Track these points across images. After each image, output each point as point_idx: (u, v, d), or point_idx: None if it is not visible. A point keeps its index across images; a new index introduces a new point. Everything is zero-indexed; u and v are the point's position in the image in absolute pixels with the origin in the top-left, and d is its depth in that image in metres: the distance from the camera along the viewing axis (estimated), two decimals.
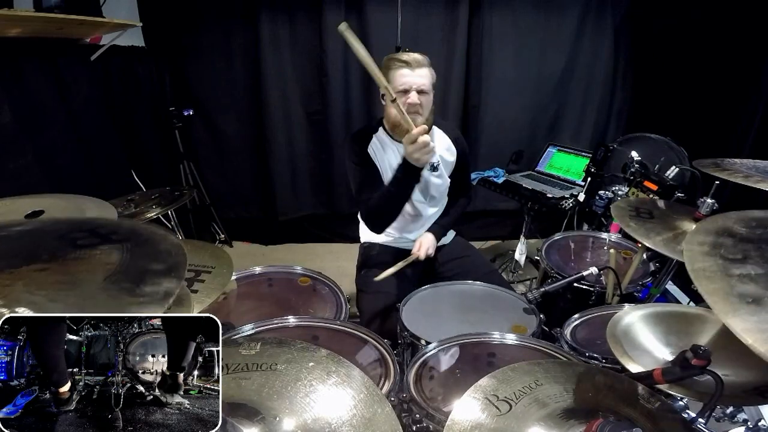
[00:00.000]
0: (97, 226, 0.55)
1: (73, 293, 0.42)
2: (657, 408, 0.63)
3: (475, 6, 2.39)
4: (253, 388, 0.61)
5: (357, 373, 0.64)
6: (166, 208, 1.58)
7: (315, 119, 2.60)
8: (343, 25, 0.95)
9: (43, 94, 1.71)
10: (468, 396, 0.61)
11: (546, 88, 2.58)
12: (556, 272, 1.38)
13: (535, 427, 0.57)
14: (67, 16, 1.56)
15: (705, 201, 1.03)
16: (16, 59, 1.59)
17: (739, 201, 1.68)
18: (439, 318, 1.09)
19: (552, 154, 2.38)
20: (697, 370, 0.64)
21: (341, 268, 1.66)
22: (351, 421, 0.57)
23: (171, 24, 2.37)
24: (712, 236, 0.58)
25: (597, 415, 0.59)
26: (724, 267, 0.51)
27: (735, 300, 0.46)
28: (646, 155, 1.70)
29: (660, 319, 0.88)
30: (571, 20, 2.46)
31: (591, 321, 1.10)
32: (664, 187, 1.51)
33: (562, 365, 0.71)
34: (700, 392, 0.67)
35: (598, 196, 1.80)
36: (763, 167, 0.89)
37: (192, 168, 2.56)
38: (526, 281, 2.22)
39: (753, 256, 0.52)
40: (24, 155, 1.59)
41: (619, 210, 1.10)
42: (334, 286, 1.21)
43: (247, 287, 1.24)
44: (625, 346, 0.80)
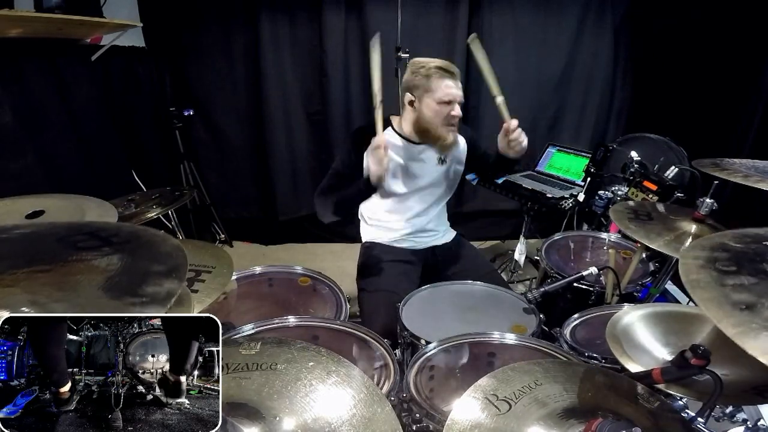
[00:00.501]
0: (98, 229, 0.56)
1: (75, 294, 0.43)
2: (656, 407, 0.63)
3: (475, 6, 2.39)
4: (253, 387, 0.61)
5: (357, 372, 0.64)
6: (166, 208, 1.58)
7: (315, 119, 2.60)
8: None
9: (44, 94, 1.71)
10: (468, 396, 0.62)
11: (546, 88, 2.58)
12: (555, 272, 1.38)
13: (534, 427, 0.58)
14: (68, 17, 1.56)
15: (704, 201, 1.03)
16: (16, 59, 1.60)
17: (738, 201, 1.69)
18: (439, 318, 1.09)
19: (552, 154, 2.38)
20: (697, 369, 0.64)
21: (341, 268, 1.67)
22: (351, 420, 0.57)
23: (171, 24, 2.38)
24: (707, 251, 0.59)
25: (596, 414, 0.59)
26: (719, 278, 0.53)
27: (729, 307, 0.48)
28: (646, 155, 1.70)
29: (659, 319, 0.88)
30: (571, 20, 2.46)
31: (590, 321, 1.10)
32: (664, 187, 1.51)
33: (562, 365, 0.72)
34: (699, 392, 0.67)
35: (598, 196, 1.80)
36: (763, 167, 0.89)
37: (192, 168, 2.56)
38: (526, 281, 2.22)
39: (747, 267, 0.54)
40: (24, 155, 1.59)
41: (617, 214, 1.10)
42: (335, 286, 1.21)
43: (247, 287, 1.24)
44: (625, 345, 0.80)
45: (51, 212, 0.97)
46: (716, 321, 0.47)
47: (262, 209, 2.83)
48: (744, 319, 0.46)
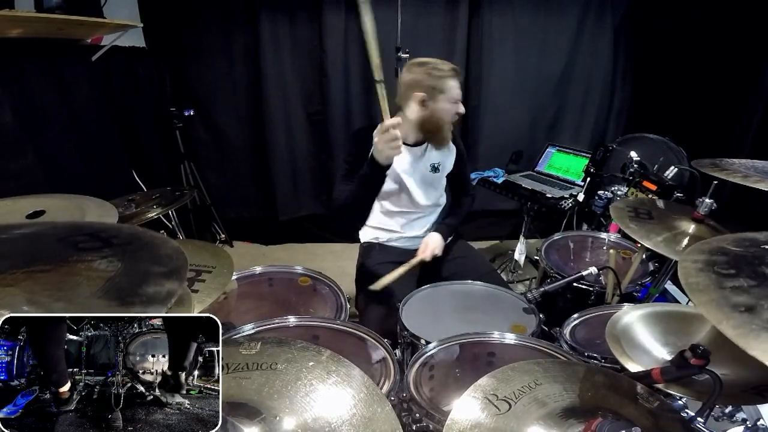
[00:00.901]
0: (99, 230, 0.56)
1: (75, 295, 0.43)
2: (656, 407, 0.63)
3: (474, 6, 2.39)
4: (253, 387, 0.61)
5: (357, 372, 0.64)
6: (166, 208, 1.58)
7: (315, 119, 2.61)
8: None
9: (44, 94, 1.71)
10: (467, 395, 0.62)
11: (545, 89, 2.59)
12: (555, 272, 1.38)
13: (534, 427, 0.58)
14: (68, 17, 1.56)
15: (703, 201, 1.03)
16: (17, 59, 1.60)
17: (738, 201, 1.69)
18: (439, 318, 1.09)
19: (551, 155, 2.38)
20: (696, 369, 0.64)
21: (341, 268, 1.67)
22: (351, 420, 0.57)
23: (171, 25, 2.38)
24: (706, 255, 0.60)
25: (596, 414, 0.59)
26: (718, 281, 0.53)
27: (728, 309, 0.48)
28: (645, 155, 1.71)
29: (659, 319, 0.88)
30: (571, 21, 2.46)
31: (590, 321, 1.10)
32: (663, 187, 1.51)
33: (562, 365, 0.72)
34: (698, 391, 0.67)
35: (598, 196, 1.81)
36: (762, 167, 0.89)
37: (192, 168, 2.57)
38: (526, 281, 2.23)
39: (745, 270, 0.54)
40: (25, 155, 1.59)
41: (618, 211, 1.10)
42: (335, 286, 1.21)
43: (247, 287, 1.24)
44: (625, 345, 0.80)
45: (51, 212, 0.97)
46: (716, 323, 0.47)
47: (262, 209, 2.83)
48: (744, 321, 0.46)
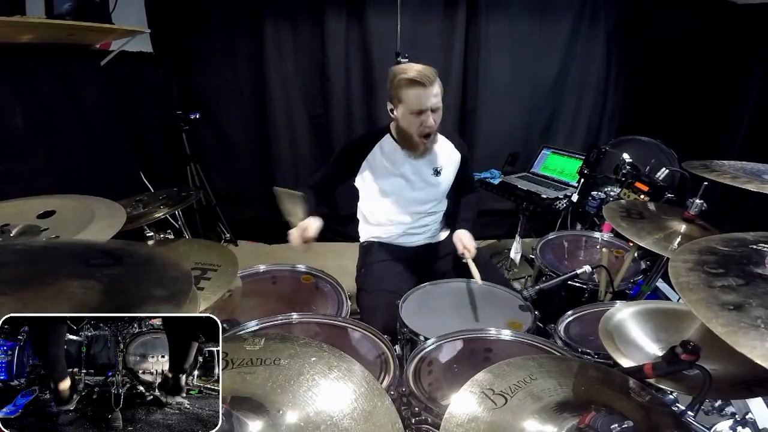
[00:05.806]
0: (114, 249, 0.57)
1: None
2: (648, 401, 0.65)
3: (472, 13, 2.42)
4: (257, 382, 0.62)
5: (358, 367, 0.65)
6: (173, 209, 1.59)
7: (317, 122, 2.64)
8: None
9: (54, 98, 1.73)
10: (465, 390, 0.63)
11: (540, 93, 2.61)
12: (550, 270, 1.40)
13: (529, 421, 0.59)
14: (78, 23, 1.58)
15: (694, 201, 1.05)
16: (28, 64, 1.62)
17: (727, 202, 1.71)
18: (438, 314, 1.11)
19: (546, 156, 2.40)
20: (686, 364, 0.66)
21: (342, 267, 1.69)
22: (352, 414, 0.58)
23: (178, 30, 2.42)
24: (696, 254, 0.61)
25: (590, 408, 0.60)
26: (707, 280, 0.54)
27: (717, 308, 0.49)
28: (638, 157, 1.73)
29: (650, 316, 0.89)
30: (565, 27, 2.49)
31: (584, 317, 1.12)
32: (655, 188, 1.53)
33: (556, 360, 0.73)
34: (689, 386, 0.69)
35: (591, 197, 1.83)
36: (751, 168, 0.91)
37: (198, 169, 2.59)
38: (521, 279, 2.24)
39: (734, 269, 0.55)
40: (36, 157, 1.61)
41: (610, 212, 1.12)
42: (336, 284, 1.24)
43: (251, 285, 1.27)
44: (617, 341, 0.82)
45: (61, 212, 0.98)
46: (705, 321, 0.48)
47: (265, 209, 2.86)
48: (732, 319, 0.47)
